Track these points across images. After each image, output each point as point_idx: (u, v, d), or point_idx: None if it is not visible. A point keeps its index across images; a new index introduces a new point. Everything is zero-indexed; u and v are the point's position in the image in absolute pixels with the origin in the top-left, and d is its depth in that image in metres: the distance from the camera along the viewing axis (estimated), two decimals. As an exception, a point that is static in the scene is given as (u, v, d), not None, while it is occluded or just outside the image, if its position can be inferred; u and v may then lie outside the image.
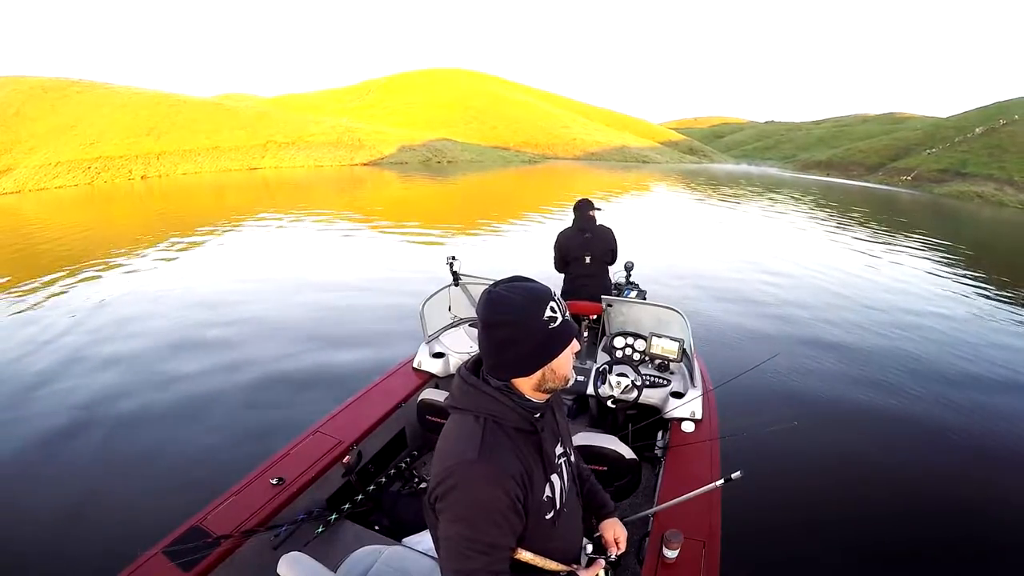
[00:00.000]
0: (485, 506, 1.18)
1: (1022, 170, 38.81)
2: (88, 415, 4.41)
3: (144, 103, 31.06)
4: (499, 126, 52.64)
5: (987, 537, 3.46)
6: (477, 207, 19.23)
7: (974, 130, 48.30)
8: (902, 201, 31.40)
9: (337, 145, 34.30)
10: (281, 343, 5.87)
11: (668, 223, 16.10)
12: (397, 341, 5.64)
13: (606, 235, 4.47)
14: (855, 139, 67.06)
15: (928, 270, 11.18)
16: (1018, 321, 8.01)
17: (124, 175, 23.48)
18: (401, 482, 3.08)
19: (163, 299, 7.29)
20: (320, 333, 6.18)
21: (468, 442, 1.21)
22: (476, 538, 1.16)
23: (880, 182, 45.76)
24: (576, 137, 53.90)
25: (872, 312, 7.90)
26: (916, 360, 6.15)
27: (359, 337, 6.07)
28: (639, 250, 6.28)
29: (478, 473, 1.18)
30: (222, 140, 29.54)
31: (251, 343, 5.91)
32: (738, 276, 9.49)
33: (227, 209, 16.19)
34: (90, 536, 3.16)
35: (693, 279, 9.10)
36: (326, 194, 21.05)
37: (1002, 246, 18.02)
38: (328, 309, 6.97)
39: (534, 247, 11.23)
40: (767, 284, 9.07)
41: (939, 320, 7.73)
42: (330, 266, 9.35)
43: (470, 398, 1.26)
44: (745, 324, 7.02)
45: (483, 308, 1.22)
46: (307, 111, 44.50)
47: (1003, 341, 7.03)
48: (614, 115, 77.65)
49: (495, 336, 1.23)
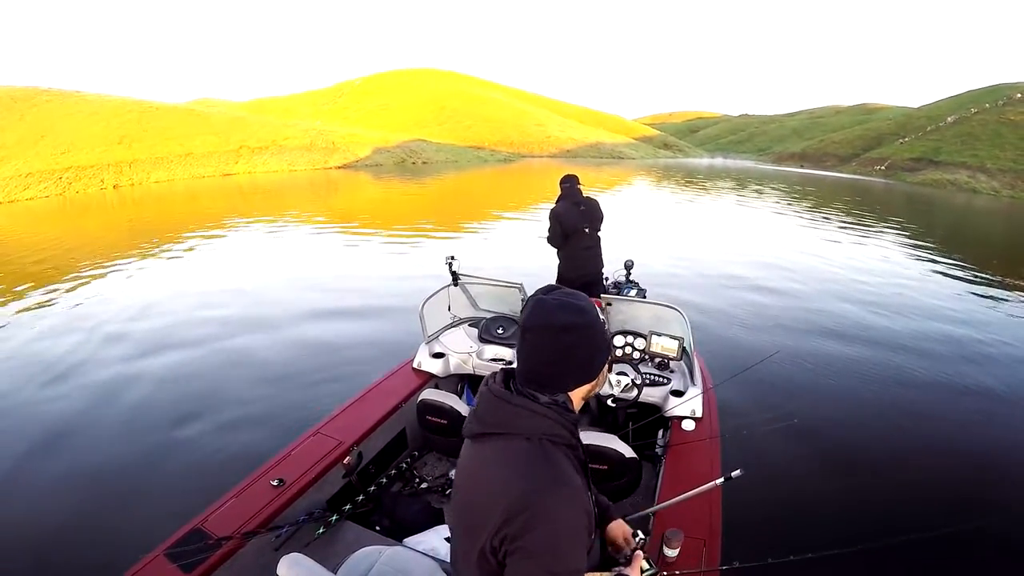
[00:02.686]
0: (571, 532, 1.12)
1: (994, 157, 39.59)
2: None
3: (115, 110, 30.88)
4: (473, 125, 52.94)
5: (990, 534, 3.42)
6: (454, 208, 19.49)
7: (946, 119, 49.21)
8: (888, 192, 32.11)
9: (311, 149, 34.38)
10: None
11: (657, 218, 16.37)
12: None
13: (597, 205, 4.61)
14: (828, 130, 68.33)
15: (930, 268, 11.15)
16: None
17: (96, 184, 23.47)
18: (402, 482, 3.11)
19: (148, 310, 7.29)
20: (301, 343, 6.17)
21: (535, 468, 1.13)
22: (562, 569, 1.09)
23: (854, 172, 46.49)
24: (551, 135, 54.35)
25: (874, 309, 7.91)
26: (916, 357, 6.15)
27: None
28: (632, 248, 6.31)
29: (561, 498, 1.11)
30: (195, 146, 29.48)
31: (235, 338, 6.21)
32: (735, 272, 9.52)
33: (200, 217, 16.30)
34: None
35: (689, 275, 9.21)
36: (300, 199, 21.24)
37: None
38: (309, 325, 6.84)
39: (514, 246, 11.55)
40: (766, 280, 9.12)
41: (942, 319, 7.67)
42: (300, 273, 9.28)
43: (519, 419, 1.17)
44: (745, 321, 7.06)
45: (556, 313, 1.17)
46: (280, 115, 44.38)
47: (1015, 342, 6.88)
48: (588, 111, 78.29)
49: (563, 341, 1.17)
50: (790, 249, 12.22)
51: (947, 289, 9.44)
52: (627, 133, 69.68)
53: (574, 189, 4.50)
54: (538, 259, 7.81)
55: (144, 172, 25.86)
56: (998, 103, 47.46)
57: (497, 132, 52.56)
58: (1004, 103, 47.05)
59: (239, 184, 25.55)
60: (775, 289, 8.67)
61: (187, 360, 5.73)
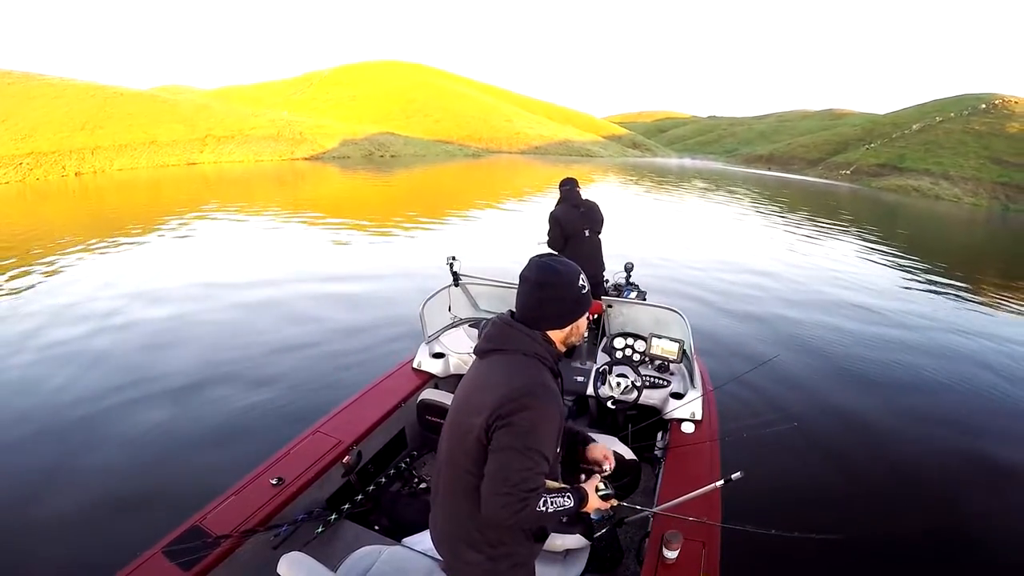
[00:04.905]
0: (549, 422, 1.45)
1: (957, 165, 40.94)
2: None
3: (78, 95, 30.56)
4: (442, 119, 53.20)
5: (987, 536, 3.47)
6: (422, 202, 19.57)
7: (911, 126, 50.27)
8: (857, 196, 32.99)
9: (278, 139, 34.54)
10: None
11: (635, 219, 16.27)
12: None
13: (596, 207, 4.60)
14: (796, 134, 69.13)
15: (921, 276, 11.42)
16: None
17: (58, 171, 23.43)
18: (401, 482, 3.10)
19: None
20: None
21: (529, 371, 1.49)
22: (538, 448, 1.40)
23: (820, 176, 47.16)
24: (520, 131, 55.06)
25: (875, 312, 8.06)
26: (916, 360, 6.28)
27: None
28: (630, 248, 6.44)
29: (547, 394, 1.45)
30: (159, 134, 29.39)
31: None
32: (734, 277, 9.58)
33: (163, 208, 16.34)
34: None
35: (688, 275, 9.31)
36: (266, 190, 21.31)
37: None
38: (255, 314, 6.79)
39: (487, 244, 11.62)
40: (766, 285, 9.24)
41: (940, 324, 7.84)
42: (258, 266, 9.11)
43: (518, 340, 1.52)
44: (745, 325, 7.14)
45: (536, 271, 1.53)
46: (248, 104, 43.98)
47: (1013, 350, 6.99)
48: (557, 108, 78.91)
49: (542, 294, 1.52)
50: (787, 253, 12.46)
51: (947, 296, 9.70)
52: (596, 131, 70.65)
53: (574, 192, 4.50)
54: (513, 254, 7.81)
55: (107, 159, 25.81)
56: (963, 113, 48.87)
57: (465, 127, 52.93)
58: (969, 113, 48.51)
59: (204, 174, 25.59)
60: (775, 293, 8.79)
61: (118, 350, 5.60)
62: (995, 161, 40.55)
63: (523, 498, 1.38)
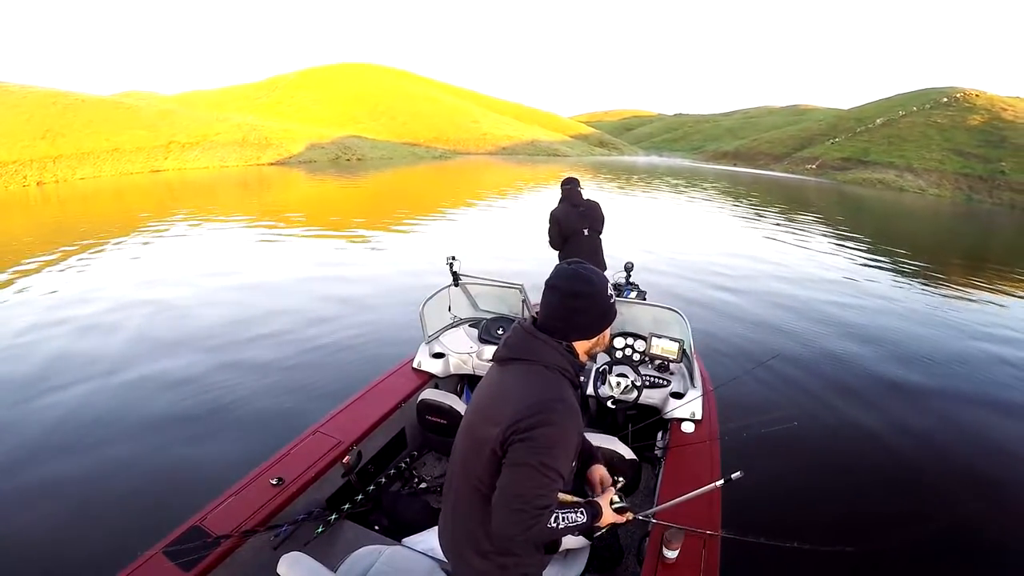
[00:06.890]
0: (566, 439, 1.42)
1: (921, 158, 42.04)
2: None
3: (39, 102, 30.13)
4: (409, 122, 53.26)
5: (988, 536, 3.47)
6: (390, 205, 19.69)
7: (875, 121, 51.16)
8: (835, 192, 33.26)
9: (243, 144, 34.50)
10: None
11: (621, 217, 15.91)
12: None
13: (597, 207, 4.62)
14: (762, 130, 69.94)
15: (928, 274, 11.52)
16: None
17: (18, 181, 23.27)
18: (401, 482, 3.12)
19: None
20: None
21: (550, 384, 1.44)
22: (554, 465, 1.37)
23: (786, 170, 47.76)
24: (487, 132, 55.58)
25: (871, 313, 8.10)
26: (916, 361, 6.27)
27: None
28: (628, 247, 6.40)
29: (567, 410, 1.42)
30: (122, 141, 29.21)
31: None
32: (730, 274, 9.65)
33: (129, 216, 16.21)
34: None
35: (686, 277, 9.35)
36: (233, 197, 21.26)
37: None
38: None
39: (463, 243, 11.69)
40: (764, 284, 9.30)
41: (940, 322, 7.88)
42: (238, 273, 8.95)
43: (540, 351, 1.47)
44: (744, 325, 7.15)
45: (567, 279, 1.48)
46: (212, 109, 43.50)
47: (1008, 352, 6.92)
48: (523, 109, 79.33)
49: (575, 304, 1.48)
50: (781, 252, 12.50)
51: (947, 297, 9.69)
52: (563, 131, 71.36)
53: (574, 191, 4.52)
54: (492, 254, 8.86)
55: (69, 168, 25.60)
56: (925, 106, 50.07)
57: (432, 129, 53.06)
58: (931, 107, 49.72)
59: (168, 181, 25.48)
60: (773, 293, 8.80)
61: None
62: (957, 153, 41.65)
63: (535, 515, 1.37)
